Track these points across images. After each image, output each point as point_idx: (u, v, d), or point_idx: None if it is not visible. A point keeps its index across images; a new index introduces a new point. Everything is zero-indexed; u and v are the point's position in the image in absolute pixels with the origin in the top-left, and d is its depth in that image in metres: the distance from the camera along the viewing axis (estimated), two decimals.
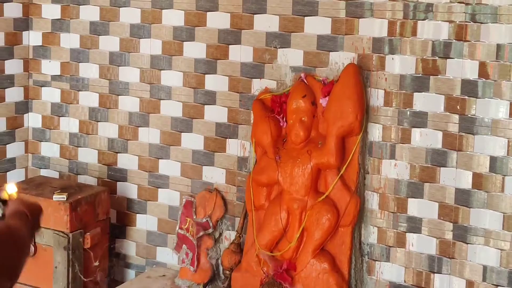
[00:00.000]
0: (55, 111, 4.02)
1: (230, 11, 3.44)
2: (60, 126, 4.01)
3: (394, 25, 3.09)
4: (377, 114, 3.17)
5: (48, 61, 3.99)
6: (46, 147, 4.08)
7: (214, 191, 3.56)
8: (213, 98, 3.55)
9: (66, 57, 3.94)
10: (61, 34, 3.94)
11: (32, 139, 4.11)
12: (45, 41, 3.98)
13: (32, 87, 4.05)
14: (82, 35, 3.87)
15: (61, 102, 3.99)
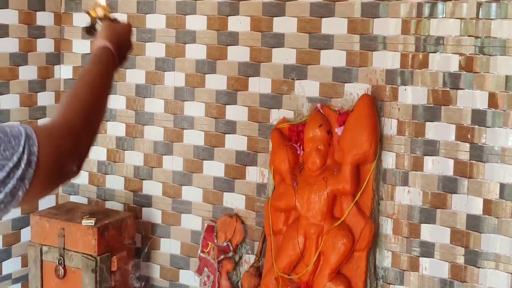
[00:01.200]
0: None
1: (250, 45, 3.44)
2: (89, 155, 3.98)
3: (406, 58, 3.07)
4: (391, 142, 3.14)
5: None
6: None
7: (234, 216, 3.54)
8: (234, 128, 3.54)
9: None
10: None
11: None
12: (75, 74, 4.00)
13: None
14: None
15: None
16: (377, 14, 3.12)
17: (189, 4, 3.58)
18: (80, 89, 1.41)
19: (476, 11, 2.91)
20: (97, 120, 1.39)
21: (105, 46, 1.58)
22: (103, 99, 1.44)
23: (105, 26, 1.69)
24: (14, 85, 3.75)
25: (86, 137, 1.30)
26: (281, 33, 3.36)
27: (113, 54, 1.58)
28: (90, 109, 1.35)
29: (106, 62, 1.54)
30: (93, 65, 1.51)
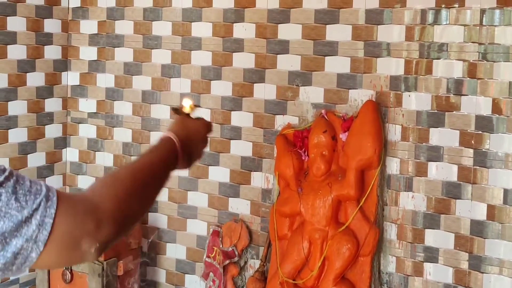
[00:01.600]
0: (91, 146, 4.01)
1: (255, 51, 3.42)
2: (96, 160, 3.99)
3: (410, 64, 3.04)
4: (395, 148, 3.11)
5: (85, 100, 3.99)
6: (83, 180, 4.06)
7: (239, 221, 3.52)
8: (239, 133, 3.51)
9: (101, 95, 3.93)
10: (97, 74, 3.94)
11: (70, 173, 4.09)
12: (82, 81, 3.98)
13: (70, 123, 4.04)
14: (116, 75, 3.87)
15: (97, 137, 3.98)
16: (381, 21, 3.09)
17: (195, 12, 3.57)
18: (125, 171, 1.28)
19: (479, 18, 2.88)
20: (133, 214, 1.22)
21: (168, 137, 1.43)
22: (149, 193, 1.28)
23: (177, 119, 1.57)
24: (22, 92, 3.74)
25: (112, 225, 1.14)
26: (286, 40, 3.33)
27: (175, 148, 1.42)
28: (129, 195, 1.21)
29: (165, 154, 1.40)
30: (149, 153, 1.38)
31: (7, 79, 3.65)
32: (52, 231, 1.04)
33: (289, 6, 3.31)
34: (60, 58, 3.95)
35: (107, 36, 3.87)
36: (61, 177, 4.06)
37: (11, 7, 3.62)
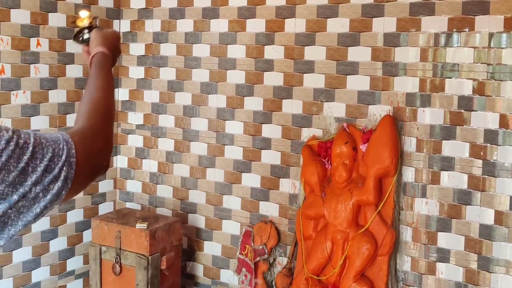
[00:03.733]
0: (138, 154, 3.99)
1: (284, 71, 3.38)
2: (143, 166, 3.98)
3: (424, 82, 2.98)
4: (410, 158, 3.05)
5: (134, 113, 3.98)
6: (131, 184, 4.05)
7: (269, 222, 3.48)
8: (269, 144, 3.47)
9: (148, 109, 3.92)
10: (144, 91, 3.93)
11: (120, 177, 4.08)
12: (131, 96, 3.97)
13: (120, 134, 4.03)
14: (161, 92, 3.85)
15: (143, 146, 3.96)
16: (398, 43, 3.04)
17: (230, 35, 3.54)
18: (92, 93, 1.40)
19: (488, 40, 2.82)
20: (112, 116, 1.40)
21: (102, 52, 1.57)
22: (112, 97, 1.45)
23: (96, 34, 1.65)
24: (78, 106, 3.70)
25: (109, 132, 1.32)
26: (311, 60, 3.30)
27: (109, 58, 1.58)
28: (105, 109, 1.36)
29: (106, 65, 1.54)
30: (97, 70, 1.50)
31: (66, 95, 3.65)
32: (77, 167, 1.11)
33: (314, 30, 3.26)
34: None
35: (153, 57, 3.86)
36: (112, 181, 4.05)
37: (70, 32, 3.60)
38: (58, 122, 3.62)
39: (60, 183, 1.07)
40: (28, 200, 1.02)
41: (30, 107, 3.45)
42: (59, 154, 1.07)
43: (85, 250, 3.80)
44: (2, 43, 3.27)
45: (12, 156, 1.00)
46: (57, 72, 3.59)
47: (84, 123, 1.27)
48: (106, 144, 1.27)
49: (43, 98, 3.52)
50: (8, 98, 3.33)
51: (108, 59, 1.56)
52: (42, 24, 3.46)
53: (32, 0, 3.39)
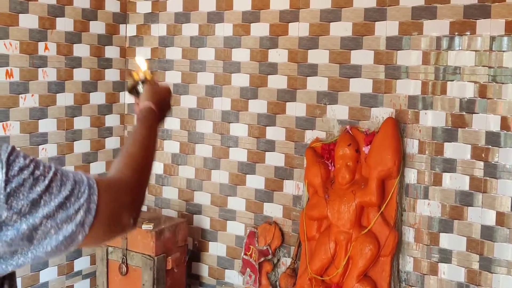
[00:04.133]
0: None
1: (287, 74, 3.36)
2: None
3: (427, 85, 2.96)
4: (413, 160, 3.02)
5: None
6: None
7: (273, 223, 3.45)
8: (273, 146, 3.45)
9: None
10: None
11: None
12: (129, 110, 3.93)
13: (126, 137, 4.02)
14: None
15: None
16: (400, 47, 3.02)
17: (235, 39, 3.52)
18: (132, 147, 1.33)
19: (489, 44, 2.80)
20: (148, 174, 1.31)
21: (149, 107, 1.52)
22: (152, 155, 1.38)
23: (147, 89, 1.62)
24: (85, 109, 3.73)
25: (140, 191, 1.22)
26: (314, 64, 3.27)
27: (156, 114, 1.52)
28: (142, 165, 1.28)
29: (152, 122, 1.48)
30: (141, 125, 1.45)
31: (73, 98, 3.64)
32: (97, 214, 1.05)
33: (317, 34, 3.24)
34: (118, 80, 3.93)
35: (159, 61, 3.84)
36: None
37: (77, 36, 3.61)
38: (66, 125, 3.61)
39: (74, 226, 1.02)
40: (39, 233, 0.98)
41: (38, 110, 3.44)
42: (78, 196, 1.03)
43: (92, 250, 3.78)
44: (10, 47, 3.26)
45: (24, 184, 0.97)
46: (65, 75, 3.57)
47: (116, 174, 1.20)
48: (134, 200, 1.18)
49: (51, 101, 3.51)
50: (16, 102, 3.32)
51: (154, 115, 1.50)
52: (50, 29, 3.45)
53: (40, 5, 3.38)
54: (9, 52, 3.25)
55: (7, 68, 3.25)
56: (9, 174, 0.96)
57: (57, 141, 3.56)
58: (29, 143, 3.40)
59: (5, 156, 0.98)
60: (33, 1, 3.34)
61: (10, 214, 0.95)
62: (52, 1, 3.44)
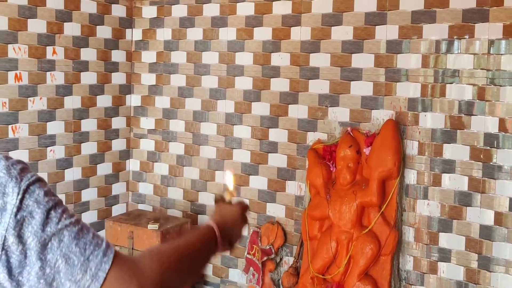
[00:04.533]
0: (150, 158, 3.97)
1: (289, 77, 3.36)
2: (154, 169, 3.96)
3: (426, 88, 2.95)
4: (412, 161, 3.01)
5: (145, 118, 3.96)
6: (143, 186, 4.02)
7: (276, 223, 3.44)
8: (275, 148, 3.44)
9: (159, 115, 3.90)
10: (156, 97, 3.91)
11: (132, 180, 4.05)
12: (143, 102, 3.96)
13: (132, 138, 4.02)
14: (172, 98, 3.83)
15: (155, 150, 3.94)
16: (400, 50, 3.01)
17: (238, 43, 3.52)
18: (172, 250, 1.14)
19: (487, 47, 2.79)
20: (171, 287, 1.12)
21: (211, 226, 1.33)
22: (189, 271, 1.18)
23: (218, 207, 1.47)
24: (92, 111, 3.72)
25: None
26: (316, 67, 3.27)
27: (216, 235, 1.32)
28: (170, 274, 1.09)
29: (207, 240, 1.30)
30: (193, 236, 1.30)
31: (81, 101, 3.64)
32: (103, 285, 0.94)
33: (319, 38, 3.24)
34: (124, 83, 3.93)
35: (164, 65, 3.84)
36: (125, 184, 4.03)
37: (84, 40, 3.61)
38: (73, 127, 3.61)
39: None
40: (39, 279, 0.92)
41: (46, 112, 3.44)
42: (88, 258, 0.95)
43: None
44: (19, 52, 3.26)
45: (34, 217, 0.92)
46: (72, 79, 3.57)
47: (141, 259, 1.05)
48: None
49: (59, 104, 3.51)
50: (25, 104, 3.32)
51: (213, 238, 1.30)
52: (58, 33, 3.45)
53: (48, 10, 3.38)
54: (18, 56, 3.26)
55: (16, 72, 3.25)
56: (23, 203, 0.92)
57: (65, 143, 3.56)
58: (37, 145, 3.40)
59: (25, 184, 0.93)
60: (42, 7, 3.34)
61: (16, 241, 0.90)
62: (60, 6, 3.44)
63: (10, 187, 0.92)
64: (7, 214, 0.90)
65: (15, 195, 0.92)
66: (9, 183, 0.92)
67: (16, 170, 0.94)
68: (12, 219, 0.90)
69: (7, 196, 0.91)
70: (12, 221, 0.90)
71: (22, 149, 3.32)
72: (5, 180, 0.92)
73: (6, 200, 0.91)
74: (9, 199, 0.91)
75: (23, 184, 0.93)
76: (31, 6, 3.29)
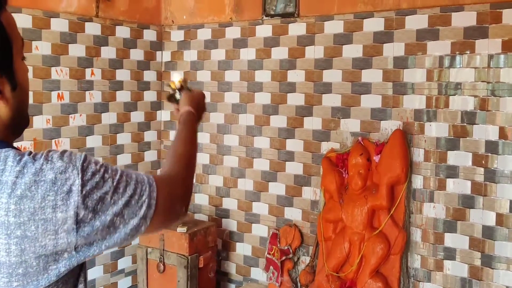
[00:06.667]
0: None
1: (305, 92, 3.29)
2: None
3: (431, 100, 2.86)
4: (419, 167, 2.91)
5: (174, 132, 3.89)
6: None
7: (293, 225, 3.36)
8: (292, 156, 3.36)
9: None
10: None
11: None
12: (172, 117, 3.91)
13: (163, 150, 3.97)
14: None
15: None
16: (407, 65, 2.93)
17: (258, 62, 3.46)
18: (179, 146, 1.36)
19: (487, 61, 2.70)
20: (194, 167, 1.36)
21: (189, 111, 1.55)
22: (196, 151, 1.40)
23: (186, 95, 1.64)
24: (127, 126, 3.68)
25: (190, 183, 1.26)
26: (329, 82, 3.19)
27: (195, 116, 1.56)
28: (189, 160, 1.31)
29: (193, 123, 1.51)
30: (183, 126, 1.47)
31: (116, 117, 3.60)
32: (156, 208, 1.07)
33: (331, 56, 3.17)
34: (155, 100, 3.89)
35: (190, 83, 3.76)
36: None
37: (119, 62, 3.58)
38: (110, 141, 3.57)
39: (138, 220, 1.04)
40: (111, 229, 1.01)
41: (85, 128, 3.40)
42: (141, 194, 1.05)
43: (133, 251, 3.72)
44: (61, 73, 3.23)
45: (96, 186, 0.98)
46: (109, 97, 3.54)
47: (169, 171, 1.23)
48: (186, 191, 1.20)
49: (97, 120, 3.48)
50: (67, 121, 3.29)
51: (194, 117, 1.54)
52: (95, 56, 3.42)
53: (87, 36, 3.36)
54: (60, 77, 3.23)
55: (58, 92, 3.23)
56: (84, 179, 0.97)
57: (102, 155, 3.52)
58: None
59: (80, 163, 0.98)
60: (81, 33, 3.32)
61: (86, 212, 0.96)
62: (97, 32, 3.42)
63: (69, 171, 0.96)
64: (74, 195, 0.95)
65: (76, 175, 0.96)
66: (68, 169, 0.96)
67: (67, 156, 0.99)
68: (80, 197, 0.95)
69: (69, 180, 0.95)
70: (80, 198, 0.95)
71: None
72: (64, 168, 0.96)
73: (70, 183, 0.95)
74: (71, 181, 0.95)
75: (78, 164, 0.98)
76: (71, 32, 3.26)
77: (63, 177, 0.95)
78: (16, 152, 0.98)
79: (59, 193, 0.94)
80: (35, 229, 0.93)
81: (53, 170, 0.95)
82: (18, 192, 0.92)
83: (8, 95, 1.00)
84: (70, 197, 0.94)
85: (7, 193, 0.92)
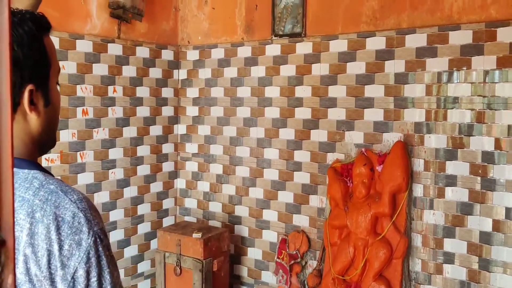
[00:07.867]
0: (194, 177, 3.90)
1: (311, 106, 3.27)
2: (197, 187, 3.89)
3: (430, 113, 2.83)
4: (419, 177, 2.88)
5: (190, 144, 3.91)
6: (188, 201, 3.95)
7: (301, 231, 3.33)
8: (300, 167, 3.34)
9: (201, 141, 3.84)
10: (198, 126, 3.86)
11: (179, 196, 3.99)
12: (188, 130, 3.91)
13: (179, 161, 3.96)
14: (212, 126, 3.78)
15: (198, 171, 3.87)
16: (407, 81, 2.91)
17: (267, 79, 3.46)
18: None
19: (483, 76, 2.67)
20: None
21: None
22: None
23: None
24: (146, 139, 3.68)
25: None
26: (334, 97, 3.18)
27: None
28: None
29: None
30: None
31: (136, 131, 3.61)
32: None
33: (336, 73, 3.16)
34: (173, 115, 3.90)
35: (205, 99, 3.80)
36: (173, 199, 3.97)
37: (139, 80, 3.60)
38: (130, 153, 3.57)
39: None
40: None
41: (108, 141, 3.41)
42: None
43: (152, 255, 3.71)
44: (86, 91, 3.25)
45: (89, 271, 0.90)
46: (129, 112, 3.55)
47: None
48: None
49: (119, 134, 3.49)
50: (91, 135, 3.30)
51: None
52: (117, 75, 3.44)
53: (109, 56, 3.38)
54: (85, 94, 3.25)
55: (83, 108, 3.25)
56: (95, 246, 0.90)
57: (123, 166, 3.52)
58: (101, 168, 3.37)
59: (98, 230, 0.91)
60: (104, 53, 3.34)
61: (84, 275, 0.88)
62: (119, 52, 3.44)
63: (86, 227, 0.89)
64: (82, 249, 0.88)
65: (90, 236, 0.89)
66: (85, 224, 0.89)
67: (91, 214, 0.91)
68: (86, 255, 0.88)
69: (83, 234, 0.88)
70: (85, 257, 0.88)
71: (88, 171, 3.29)
72: (83, 221, 0.89)
73: (81, 237, 0.88)
74: (84, 237, 0.88)
75: (96, 229, 0.90)
76: (95, 53, 3.29)
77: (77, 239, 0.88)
78: (45, 175, 0.92)
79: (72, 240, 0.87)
80: None
81: None
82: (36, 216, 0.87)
83: (40, 109, 0.96)
84: (78, 249, 0.88)
85: (26, 212, 0.87)
